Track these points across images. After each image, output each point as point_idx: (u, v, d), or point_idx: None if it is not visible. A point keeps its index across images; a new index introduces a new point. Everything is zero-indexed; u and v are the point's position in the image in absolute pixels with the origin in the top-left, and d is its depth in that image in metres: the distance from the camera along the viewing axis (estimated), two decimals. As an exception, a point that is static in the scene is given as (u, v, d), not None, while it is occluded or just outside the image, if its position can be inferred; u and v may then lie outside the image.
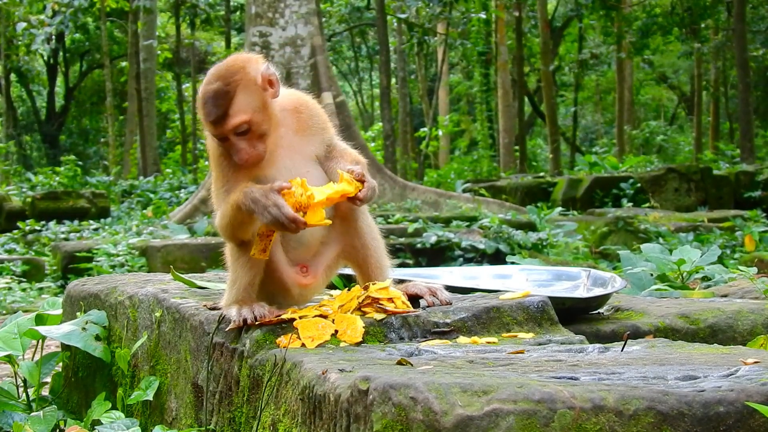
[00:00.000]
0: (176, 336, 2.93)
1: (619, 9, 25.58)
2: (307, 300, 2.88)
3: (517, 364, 2.18)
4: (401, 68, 26.86)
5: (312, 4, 16.66)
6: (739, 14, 22.08)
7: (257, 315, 2.59)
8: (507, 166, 25.35)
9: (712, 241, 10.79)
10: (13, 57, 27.20)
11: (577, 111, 33.74)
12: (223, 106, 2.56)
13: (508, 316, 2.71)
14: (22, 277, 10.25)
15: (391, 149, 21.06)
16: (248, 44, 16.64)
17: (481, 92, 30.09)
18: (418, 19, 24.99)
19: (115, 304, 3.32)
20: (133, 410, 3.16)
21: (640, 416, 1.82)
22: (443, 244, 10.84)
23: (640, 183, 16.72)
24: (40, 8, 21.50)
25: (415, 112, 34.77)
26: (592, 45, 31.79)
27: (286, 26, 16.52)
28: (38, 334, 3.38)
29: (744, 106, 22.46)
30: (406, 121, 27.45)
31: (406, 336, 2.59)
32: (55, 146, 33.29)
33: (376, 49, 29.81)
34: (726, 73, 32.22)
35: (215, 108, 2.56)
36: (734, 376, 2.00)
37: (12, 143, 27.40)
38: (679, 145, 34.80)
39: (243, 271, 2.69)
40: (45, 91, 36.59)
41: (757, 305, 3.35)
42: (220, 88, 2.58)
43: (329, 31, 27.58)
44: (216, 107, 2.56)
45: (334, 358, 2.24)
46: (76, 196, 16.33)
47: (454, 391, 1.82)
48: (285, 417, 2.25)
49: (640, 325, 3.16)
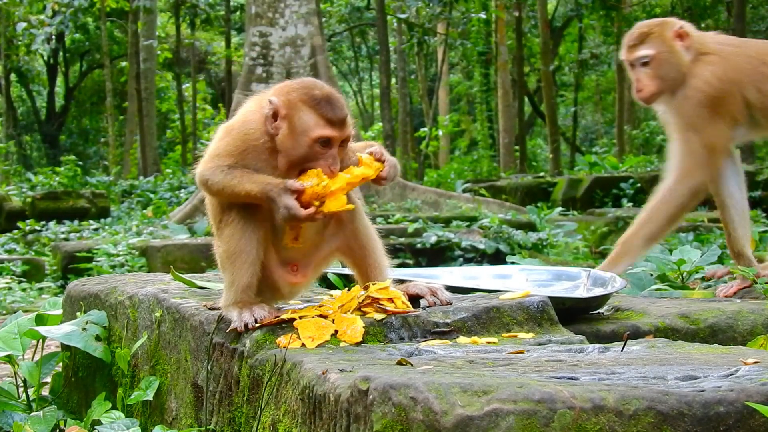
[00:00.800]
0: (176, 336, 2.93)
1: (619, 9, 25.58)
2: (295, 297, 2.94)
3: (517, 364, 2.18)
4: (401, 68, 26.86)
5: (312, 4, 16.66)
6: (739, 14, 22.08)
7: (257, 318, 2.60)
8: (507, 166, 25.34)
9: (712, 241, 10.78)
10: (13, 57, 27.21)
11: (577, 111, 33.73)
12: (345, 109, 2.68)
13: (508, 316, 2.71)
14: (22, 277, 10.25)
15: (391, 149, 21.06)
16: (248, 44, 16.65)
17: (481, 92, 30.08)
18: (418, 19, 24.98)
19: (115, 304, 3.32)
20: (133, 410, 3.16)
21: (640, 416, 1.82)
22: (443, 244, 10.84)
23: (640, 183, 16.70)
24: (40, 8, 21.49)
25: (415, 112, 34.76)
26: (592, 45, 31.78)
27: (286, 26, 16.52)
28: (38, 334, 3.38)
29: (744, 106, 22.43)
30: (406, 121, 27.44)
31: (406, 336, 2.59)
32: (55, 146, 33.30)
33: (376, 49, 29.82)
34: (726, 73, 32.17)
35: (341, 110, 2.66)
36: (734, 376, 2.00)
37: (12, 143, 27.40)
38: (679, 145, 34.73)
39: (240, 273, 2.70)
40: (45, 91, 36.60)
41: (757, 305, 3.35)
42: (340, 95, 2.71)
43: (329, 31, 27.58)
44: (341, 109, 2.66)
45: (334, 358, 2.24)
46: (76, 196, 16.33)
47: (454, 391, 1.82)
48: (285, 417, 2.25)
49: (640, 325, 3.16)
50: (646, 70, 4.20)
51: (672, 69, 4.16)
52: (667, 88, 4.19)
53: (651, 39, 4.20)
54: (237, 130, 2.77)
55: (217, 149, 2.76)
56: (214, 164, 2.72)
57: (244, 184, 2.64)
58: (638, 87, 4.24)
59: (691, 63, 4.14)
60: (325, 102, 2.64)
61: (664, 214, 4.26)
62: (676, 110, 4.19)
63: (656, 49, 4.17)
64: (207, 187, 2.76)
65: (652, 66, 4.18)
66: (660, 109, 4.33)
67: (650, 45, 4.19)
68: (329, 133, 2.63)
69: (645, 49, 4.20)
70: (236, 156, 2.72)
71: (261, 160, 2.71)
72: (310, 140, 2.64)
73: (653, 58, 4.18)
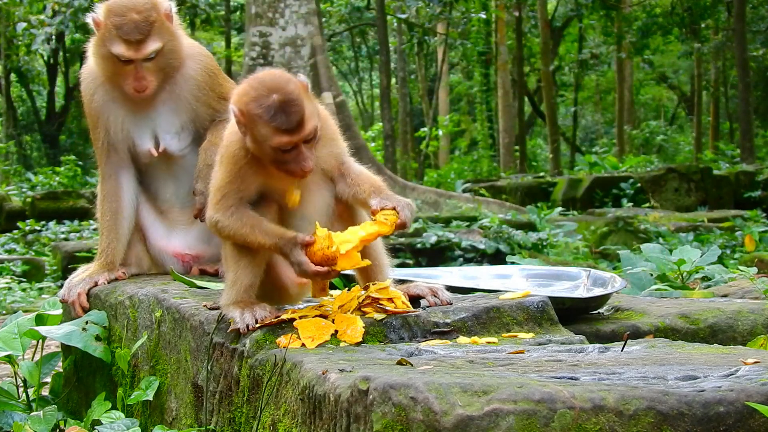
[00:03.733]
0: (176, 336, 2.93)
1: (619, 9, 25.59)
2: (302, 297, 2.94)
3: (517, 364, 2.18)
4: (401, 68, 26.86)
5: (312, 4, 16.67)
6: (739, 14, 22.08)
7: (258, 318, 2.60)
8: (507, 166, 25.34)
9: (712, 241, 10.79)
10: (13, 57, 27.19)
11: (577, 111, 33.74)
12: (298, 113, 2.55)
13: (508, 316, 2.71)
14: (22, 277, 10.24)
15: (391, 149, 21.07)
16: (248, 44, 16.65)
17: (481, 92, 30.09)
18: (418, 19, 24.99)
19: (115, 304, 3.32)
20: (133, 410, 3.16)
21: (640, 416, 1.82)
22: (443, 244, 10.83)
23: (640, 183, 16.72)
24: (40, 8, 21.47)
25: (415, 112, 34.76)
26: (592, 45, 31.77)
27: (286, 26, 16.52)
28: (38, 334, 3.38)
29: (744, 106, 22.46)
30: (406, 121, 27.46)
31: (406, 336, 2.59)
32: (55, 146, 33.27)
33: (376, 49, 29.80)
34: (726, 73, 32.21)
35: (294, 115, 2.55)
36: (734, 376, 2.00)
37: (12, 143, 27.39)
38: (679, 145, 34.78)
39: (244, 273, 2.70)
40: (45, 91, 36.58)
41: (757, 305, 3.35)
42: (293, 96, 2.56)
43: (329, 31, 27.56)
44: (295, 114, 2.55)
45: (334, 358, 2.24)
46: (76, 196, 16.31)
47: (454, 391, 1.82)
48: (285, 417, 2.25)
49: (640, 325, 3.16)
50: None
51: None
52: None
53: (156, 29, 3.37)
54: (225, 153, 2.74)
55: (218, 183, 2.74)
56: (220, 206, 2.70)
57: (256, 235, 2.63)
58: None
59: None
60: (277, 110, 2.55)
61: None
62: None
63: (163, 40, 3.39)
64: (218, 231, 2.74)
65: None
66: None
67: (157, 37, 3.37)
68: (287, 140, 2.57)
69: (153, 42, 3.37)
70: (236, 184, 2.69)
71: (257, 174, 2.69)
72: (271, 149, 2.59)
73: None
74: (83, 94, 3.56)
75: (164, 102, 3.51)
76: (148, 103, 3.50)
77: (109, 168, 3.57)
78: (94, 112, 3.52)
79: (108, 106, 3.50)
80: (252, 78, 2.67)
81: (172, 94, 3.50)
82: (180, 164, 3.56)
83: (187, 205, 3.57)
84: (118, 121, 3.51)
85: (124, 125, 3.52)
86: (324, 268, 2.57)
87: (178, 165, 3.57)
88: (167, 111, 3.52)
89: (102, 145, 3.53)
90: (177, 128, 3.54)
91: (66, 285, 3.57)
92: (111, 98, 3.50)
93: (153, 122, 3.53)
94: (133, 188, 3.60)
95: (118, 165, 3.56)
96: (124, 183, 3.57)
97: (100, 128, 3.52)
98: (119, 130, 3.52)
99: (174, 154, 3.54)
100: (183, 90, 3.46)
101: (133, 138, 3.53)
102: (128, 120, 3.51)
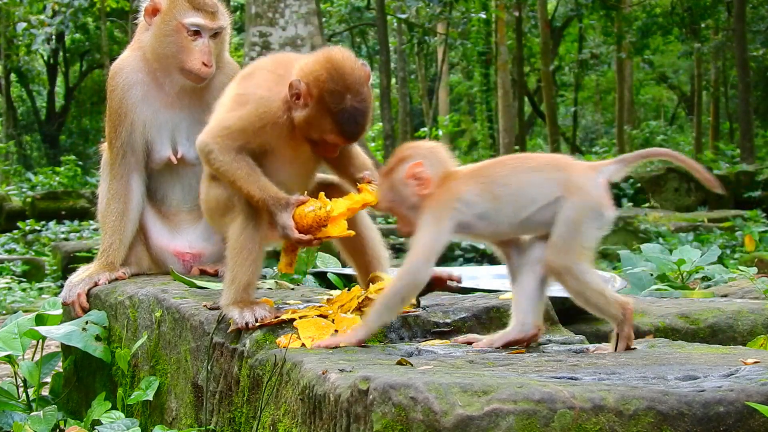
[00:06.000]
0: (176, 336, 2.93)
1: (619, 9, 25.57)
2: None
3: (517, 364, 2.18)
4: (401, 68, 26.85)
5: (312, 4, 16.66)
6: (739, 14, 22.08)
7: (258, 317, 2.60)
8: (507, 166, 25.28)
9: (712, 241, 10.79)
10: (13, 57, 27.17)
11: (577, 111, 33.73)
12: (365, 124, 2.59)
13: (508, 316, 2.71)
14: (22, 277, 10.24)
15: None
16: (248, 44, 16.65)
17: (481, 92, 30.07)
18: (418, 19, 24.98)
19: (115, 304, 3.32)
20: (133, 410, 3.16)
21: (640, 416, 1.82)
22: (443, 244, 10.82)
23: (640, 183, 16.72)
24: (40, 8, 21.46)
25: (415, 112, 34.75)
26: (592, 45, 31.75)
27: (286, 26, 16.52)
28: (38, 334, 3.38)
29: (744, 106, 22.45)
30: (406, 121, 27.44)
31: (406, 336, 2.59)
32: (55, 146, 33.26)
33: (376, 49, 29.79)
34: (726, 73, 32.19)
35: (361, 126, 2.58)
36: (734, 376, 2.00)
37: (12, 143, 27.37)
38: (679, 145, 34.75)
39: (242, 270, 2.69)
40: (45, 91, 36.57)
41: (757, 305, 3.35)
42: (366, 104, 2.58)
43: (329, 31, 27.55)
44: (362, 126, 2.58)
45: (334, 358, 2.24)
46: (76, 196, 16.30)
47: (454, 391, 1.82)
48: (285, 417, 2.25)
49: (640, 325, 3.16)
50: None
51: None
52: None
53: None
54: (255, 104, 2.66)
55: (228, 121, 2.68)
56: (223, 140, 2.65)
57: (249, 185, 2.60)
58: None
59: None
60: (350, 117, 2.56)
61: None
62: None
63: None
64: (207, 160, 2.69)
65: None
66: None
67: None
68: (342, 141, 2.62)
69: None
70: (249, 135, 2.65)
71: (279, 137, 2.66)
72: (318, 135, 2.61)
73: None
74: (115, 89, 3.51)
75: (190, 108, 3.50)
76: (176, 105, 3.49)
77: (122, 169, 3.53)
78: (125, 108, 3.49)
79: (140, 105, 3.48)
80: (326, 58, 2.60)
81: (201, 101, 3.48)
82: (193, 171, 3.52)
83: (194, 209, 3.54)
84: (144, 122, 3.49)
85: (148, 128, 3.50)
86: (307, 236, 2.56)
87: (190, 172, 3.54)
88: (191, 117, 3.50)
89: (120, 145, 3.51)
90: (197, 136, 3.54)
91: (66, 285, 3.56)
92: (145, 96, 3.48)
93: (176, 127, 3.51)
94: (141, 191, 3.58)
95: (131, 167, 3.53)
96: (133, 185, 3.55)
97: (124, 127, 3.49)
98: (142, 133, 3.49)
99: (190, 162, 3.51)
100: (211, 98, 3.40)
101: (153, 142, 3.52)
102: (153, 123, 3.50)
